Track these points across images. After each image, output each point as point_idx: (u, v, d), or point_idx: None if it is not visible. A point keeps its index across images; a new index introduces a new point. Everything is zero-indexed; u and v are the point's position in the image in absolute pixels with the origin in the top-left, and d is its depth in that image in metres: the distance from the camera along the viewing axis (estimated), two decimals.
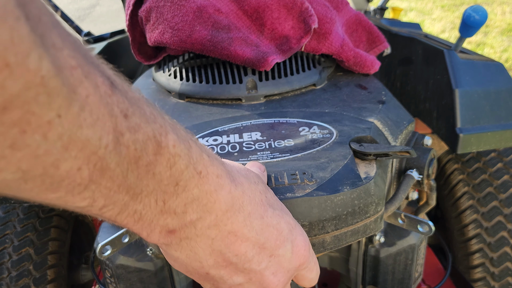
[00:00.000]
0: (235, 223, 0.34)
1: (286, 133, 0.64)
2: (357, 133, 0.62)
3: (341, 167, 0.54)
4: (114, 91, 0.26)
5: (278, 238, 0.38)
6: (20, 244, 1.00)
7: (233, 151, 0.60)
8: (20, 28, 0.19)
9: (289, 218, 0.41)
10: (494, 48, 3.82)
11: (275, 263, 0.38)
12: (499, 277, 1.02)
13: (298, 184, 0.51)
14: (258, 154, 0.59)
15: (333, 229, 0.52)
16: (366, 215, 0.54)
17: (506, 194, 1.04)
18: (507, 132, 0.90)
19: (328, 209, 0.50)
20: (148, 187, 0.29)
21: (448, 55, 0.94)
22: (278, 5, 0.81)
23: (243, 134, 0.64)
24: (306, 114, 0.70)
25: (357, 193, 0.52)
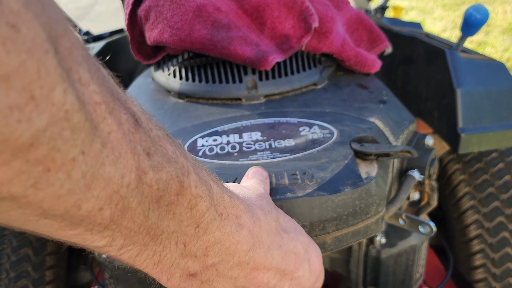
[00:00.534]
0: (257, 259, 0.34)
1: (286, 133, 0.64)
2: (358, 133, 0.62)
3: (341, 167, 0.53)
4: (137, 128, 0.25)
5: (297, 261, 0.38)
6: (18, 245, 1.00)
7: (233, 151, 0.59)
8: (48, 62, 0.19)
9: (303, 237, 0.42)
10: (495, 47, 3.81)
11: (296, 285, 0.39)
12: (500, 277, 1.02)
13: (298, 184, 0.51)
14: (258, 154, 0.58)
15: (334, 230, 0.51)
16: (367, 215, 0.53)
17: (507, 195, 1.03)
18: (508, 132, 0.89)
19: (329, 209, 0.50)
20: (168, 228, 0.28)
21: (449, 54, 0.94)
22: (278, 4, 0.81)
23: (243, 134, 0.64)
24: (307, 114, 0.69)
25: (358, 193, 0.52)
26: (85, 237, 0.25)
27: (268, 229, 0.36)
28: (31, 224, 0.23)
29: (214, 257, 0.31)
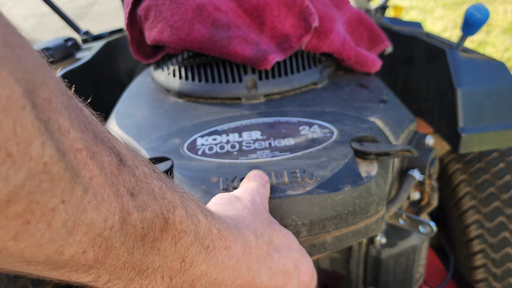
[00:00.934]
0: (245, 284, 0.34)
1: (286, 132, 0.64)
2: (358, 133, 0.62)
3: (341, 166, 0.53)
4: (121, 169, 0.25)
5: (286, 278, 0.39)
6: None
7: (232, 150, 0.59)
8: (24, 118, 0.19)
9: (295, 253, 0.42)
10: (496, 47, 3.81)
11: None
12: (501, 278, 1.02)
13: (298, 182, 0.50)
14: (258, 153, 0.58)
15: (333, 228, 0.51)
16: (367, 214, 0.53)
17: (508, 194, 1.03)
18: (509, 131, 0.89)
19: (328, 207, 0.50)
20: (154, 263, 0.28)
21: (450, 54, 0.94)
22: (278, 3, 0.80)
23: (242, 133, 0.64)
24: (307, 113, 0.69)
25: (358, 192, 0.51)
26: (70, 276, 0.25)
27: (259, 254, 0.37)
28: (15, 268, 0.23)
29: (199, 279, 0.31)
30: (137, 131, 0.68)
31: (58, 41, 1.15)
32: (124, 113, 0.75)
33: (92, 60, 1.13)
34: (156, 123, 0.70)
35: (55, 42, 1.14)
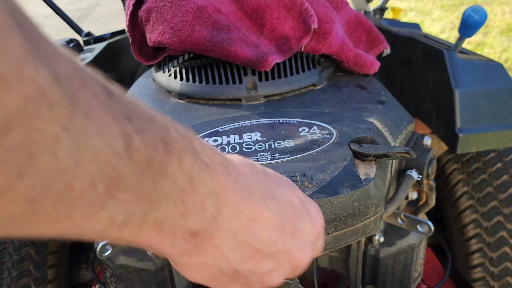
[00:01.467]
0: (252, 208, 0.34)
1: (286, 133, 0.64)
2: (357, 134, 0.62)
3: (341, 169, 0.54)
4: (112, 97, 0.25)
5: (295, 213, 0.38)
6: (20, 244, 1.01)
7: (233, 152, 0.60)
8: (14, 36, 0.18)
9: (298, 192, 0.41)
10: (493, 48, 3.82)
11: (299, 239, 0.38)
12: (498, 277, 1.02)
13: (298, 186, 0.51)
14: (258, 155, 0.59)
15: (333, 231, 0.52)
16: (365, 216, 0.54)
17: (505, 194, 1.04)
18: (506, 132, 0.90)
19: (328, 211, 0.50)
20: (164, 189, 0.28)
21: (447, 55, 0.95)
22: (278, 5, 0.81)
23: (243, 135, 0.64)
24: (306, 114, 0.70)
25: (357, 195, 0.52)
26: (83, 225, 0.24)
27: (257, 181, 0.36)
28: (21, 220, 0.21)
29: (211, 208, 0.31)
30: None
31: (60, 42, 1.16)
32: None
33: (94, 62, 1.14)
34: None
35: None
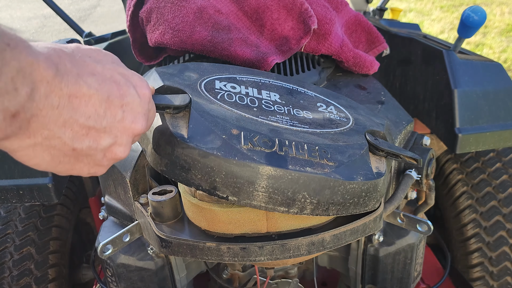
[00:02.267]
0: (70, 85, 0.35)
1: (304, 104, 0.63)
2: (372, 126, 0.62)
3: (357, 156, 0.54)
4: None
5: (119, 88, 0.40)
6: (21, 244, 1.01)
7: (252, 105, 0.58)
8: None
9: (121, 68, 0.42)
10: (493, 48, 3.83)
11: (129, 111, 0.40)
12: (498, 276, 1.03)
13: (317, 162, 0.50)
14: (278, 116, 0.57)
15: (334, 213, 0.51)
16: (365, 207, 0.54)
17: (505, 194, 1.04)
18: (505, 132, 0.90)
19: (338, 193, 0.50)
20: None
21: (447, 55, 0.95)
22: (278, 6, 0.82)
23: (261, 91, 0.62)
24: (323, 92, 0.69)
25: (367, 186, 0.52)
26: None
27: (72, 60, 0.37)
28: None
29: (23, 87, 0.32)
30: None
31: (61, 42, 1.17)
32: None
33: None
34: None
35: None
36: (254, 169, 0.47)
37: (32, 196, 0.88)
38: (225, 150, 0.47)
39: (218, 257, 0.56)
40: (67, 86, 0.35)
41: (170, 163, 0.48)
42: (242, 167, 0.47)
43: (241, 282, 0.84)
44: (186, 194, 0.57)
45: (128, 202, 0.68)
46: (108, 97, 0.38)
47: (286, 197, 0.48)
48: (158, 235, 0.58)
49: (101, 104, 0.38)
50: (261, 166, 0.47)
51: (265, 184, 0.47)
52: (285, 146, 0.50)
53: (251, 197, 0.48)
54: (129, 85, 0.41)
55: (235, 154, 0.47)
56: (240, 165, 0.46)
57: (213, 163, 0.46)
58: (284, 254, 0.55)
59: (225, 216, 0.54)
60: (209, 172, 0.47)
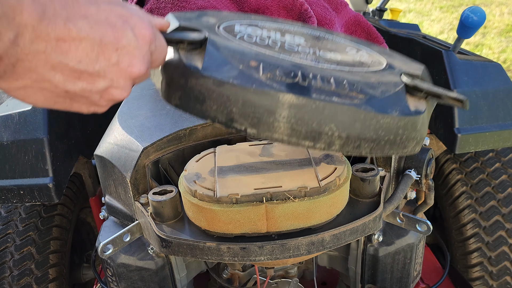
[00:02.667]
0: (57, 29, 0.34)
1: (331, 47, 0.57)
2: (408, 70, 0.55)
3: (392, 92, 0.48)
4: None
5: (114, 30, 0.38)
6: (22, 243, 1.01)
7: (273, 45, 0.52)
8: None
9: (122, 9, 0.40)
10: (492, 49, 3.83)
11: (124, 54, 0.39)
12: (497, 276, 1.03)
13: (346, 93, 0.45)
14: (302, 55, 0.51)
15: (367, 152, 0.46)
16: (404, 149, 0.49)
17: (504, 194, 1.05)
18: (505, 132, 0.91)
19: (370, 128, 0.45)
20: None
21: (446, 56, 0.95)
22: (277, 6, 0.82)
23: (285, 35, 0.57)
24: (353, 39, 0.63)
25: (405, 122, 0.47)
26: None
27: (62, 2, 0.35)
28: None
29: (7, 32, 0.31)
30: (140, 132, 0.69)
31: None
32: (127, 114, 0.77)
33: None
34: (159, 124, 0.71)
35: None
36: (274, 97, 0.43)
37: (33, 196, 0.88)
38: (242, 79, 0.43)
39: (218, 257, 0.56)
40: (54, 30, 0.34)
41: (184, 95, 0.45)
42: (261, 95, 0.43)
43: (241, 282, 0.84)
44: (186, 194, 0.57)
45: (129, 202, 0.68)
46: (101, 40, 0.37)
47: (311, 129, 0.44)
48: (158, 235, 0.58)
49: (93, 48, 0.36)
50: (281, 94, 0.43)
51: (286, 114, 0.43)
52: (308, 78, 0.46)
53: (271, 128, 0.44)
54: (125, 27, 0.39)
55: (253, 82, 0.43)
56: (258, 93, 0.43)
57: (229, 92, 0.43)
58: (284, 254, 0.55)
59: (225, 216, 0.54)
60: (225, 102, 0.43)
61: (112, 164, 0.68)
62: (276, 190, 0.54)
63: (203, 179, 0.57)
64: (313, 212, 0.55)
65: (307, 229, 0.57)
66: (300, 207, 0.55)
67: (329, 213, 0.57)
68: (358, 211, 0.61)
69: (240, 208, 0.54)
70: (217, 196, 0.54)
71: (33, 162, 0.88)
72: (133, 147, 0.66)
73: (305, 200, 0.55)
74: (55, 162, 0.89)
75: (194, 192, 0.56)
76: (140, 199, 0.65)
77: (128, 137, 0.69)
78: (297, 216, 0.55)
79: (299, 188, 0.54)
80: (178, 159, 0.70)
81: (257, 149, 0.64)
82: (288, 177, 0.57)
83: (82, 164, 1.16)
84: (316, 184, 0.55)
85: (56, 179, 0.88)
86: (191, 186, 0.56)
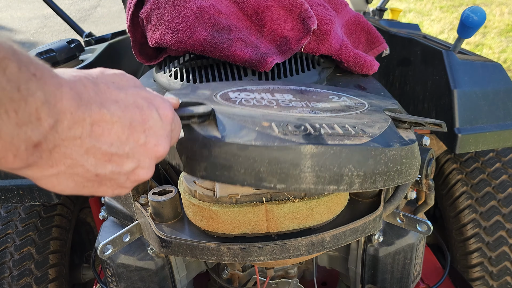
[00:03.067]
0: (93, 114, 0.35)
1: (318, 98, 0.63)
2: (387, 106, 0.63)
3: (386, 128, 0.54)
4: None
5: (142, 113, 0.39)
6: (21, 244, 1.01)
7: (270, 105, 0.58)
8: None
9: (144, 92, 0.42)
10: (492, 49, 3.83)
11: (152, 135, 0.40)
12: (497, 276, 1.03)
13: (353, 135, 0.50)
14: (298, 109, 0.57)
15: (382, 185, 0.51)
16: (408, 176, 0.54)
17: (504, 194, 1.04)
18: (505, 132, 0.91)
19: (381, 162, 0.50)
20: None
21: (446, 55, 0.95)
22: (278, 6, 0.82)
23: (275, 94, 0.63)
24: (330, 88, 0.69)
25: (406, 151, 0.52)
26: None
27: (97, 89, 0.37)
28: None
29: (47, 119, 0.32)
30: None
31: (61, 43, 1.17)
32: None
33: (95, 62, 1.14)
34: None
35: (58, 44, 1.16)
36: (296, 150, 0.46)
37: (32, 196, 0.88)
38: (263, 139, 0.46)
39: (218, 257, 0.56)
40: (90, 116, 0.35)
41: (209, 166, 0.47)
42: (284, 150, 0.46)
43: (241, 282, 0.84)
44: (186, 194, 0.57)
45: (128, 202, 0.68)
46: (131, 123, 0.38)
47: (333, 173, 0.48)
48: (158, 235, 0.58)
49: (124, 131, 0.38)
50: (302, 146, 0.46)
51: (310, 164, 0.47)
52: (316, 127, 0.50)
53: (299, 180, 0.47)
54: (151, 109, 0.41)
55: (274, 140, 0.46)
56: (282, 149, 0.46)
57: (254, 154, 0.46)
58: (284, 254, 0.55)
59: (225, 216, 0.54)
60: (251, 164, 0.46)
61: None
62: (276, 190, 0.54)
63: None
64: (313, 212, 0.55)
65: (307, 229, 0.57)
66: (300, 207, 0.55)
67: (329, 213, 0.57)
68: (358, 211, 0.61)
69: (240, 208, 0.53)
70: (217, 196, 0.54)
71: None
72: None
73: (305, 200, 0.54)
74: None
75: (193, 192, 0.56)
76: (140, 199, 0.65)
77: None
78: (297, 216, 0.55)
79: None
80: None
81: None
82: None
83: None
84: None
85: None
86: (191, 186, 0.56)
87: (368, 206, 0.62)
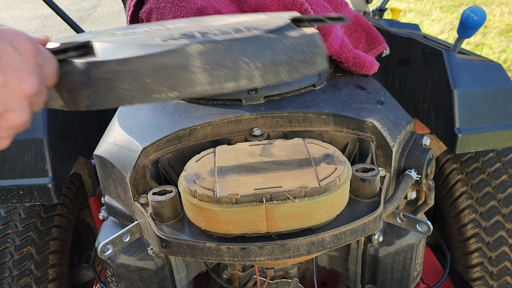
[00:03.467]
0: None
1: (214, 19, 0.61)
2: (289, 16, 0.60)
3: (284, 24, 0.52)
4: None
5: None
6: (21, 244, 1.01)
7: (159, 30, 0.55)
8: None
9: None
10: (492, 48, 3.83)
11: (11, 72, 0.36)
12: (497, 276, 1.03)
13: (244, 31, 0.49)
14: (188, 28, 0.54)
15: (286, 76, 0.49)
16: (314, 66, 0.52)
17: (504, 194, 1.04)
18: (505, 132, 0.91)
19: (279, 51, 0.48)
20: None
21: (446, 55, 0.95)
22: (278, 6, 0.82)
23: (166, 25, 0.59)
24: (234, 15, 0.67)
25: (306, 40, 0.50)
26: None
27: None
28: None
29: None
30: (139, 132, 0.69)
31: None
32: (127, 114, 0.77)
33: None
34: (158, 124, 0.71)
35: None
36: (181, 52, 0.43)
37: (32, 196, 0.88)
38: (144, 49, 0.43)
39: (218, 257, 0.56)
40: None
41: (91, 92, 0.43)
42: (168, 55, 0.43)
43: (241, 282, 0.84)
44: (186, 194, 0.57)
45: (128, 202, 0.68)
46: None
47: (228, 69, 0.44)
48: (158, 235, 0.58)
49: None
50: (187, 46, 0.43)
51: (199, 63, 0.43)
52: (205, 32, 0.48)
53: (191, 83, 0.43)
54: (3, 43, 0.36)
55: (155, 47, 0.43)
56: (165, 54, 0.43)
57: (136, 65, 0.42)
58: (284, 254, 0.55)
59: (225, 216, 0.54)
60: (136, 77, 0.42)
61: (111, 164, 0.67)
62: (276, 190, 0.54)
63: (203, 179, 0.57)
64: (313, 212, 0.55)
65: (307, 229, 0.57)
66: (300, 207, 0.55)
67: (329, 213, 0.57)
68: (358, 211, 0.61)
69: (240, 208, 0.53)
70: (217, 197, 0.54)
71: (33, 162, 0.88)
72: (133, 147, 0.66)
73: (305, 200, 0.54)
74: (54, 162, 0.89)
75: (194, 193, 0.56)
76: (140, 199, 0.65)
77: (128, 137, 0.69)
78: (297, 216, 0.55)
79: (299, 188, 0.54)
80: (177, 159, 0.70)
81: (257, 149, 0.64)
82: (288, 177, 0.57)
83: (81, 164, 1.16)
84: (316, 184, 0.55)
85: (55, 179, 0.88)
86: (191, 186, 0.56)
87: (368, 206, 0.62)
